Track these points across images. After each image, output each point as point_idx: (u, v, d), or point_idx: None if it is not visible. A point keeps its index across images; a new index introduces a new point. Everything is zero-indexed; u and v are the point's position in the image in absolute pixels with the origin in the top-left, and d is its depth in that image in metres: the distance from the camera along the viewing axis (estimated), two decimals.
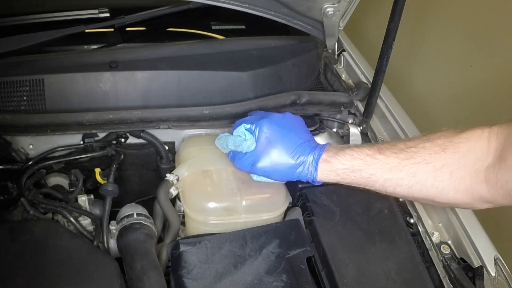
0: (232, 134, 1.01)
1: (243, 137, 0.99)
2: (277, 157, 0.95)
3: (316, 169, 0.95)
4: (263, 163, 0.96)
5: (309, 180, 0.97)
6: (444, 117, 2.18)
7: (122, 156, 1.16)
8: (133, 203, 1.08)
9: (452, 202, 0.91)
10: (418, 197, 0.94)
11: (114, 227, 1.00)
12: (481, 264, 0.94)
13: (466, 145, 0.87)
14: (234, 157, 1.00)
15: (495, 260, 0.94)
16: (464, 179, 0.87)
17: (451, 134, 0.90)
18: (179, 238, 1.02)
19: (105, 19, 1.49)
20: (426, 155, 0.89)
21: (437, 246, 1.00)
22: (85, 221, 1.06)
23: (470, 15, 2.08)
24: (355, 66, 1.42)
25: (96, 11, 1.51)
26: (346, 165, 0.94)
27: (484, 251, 0.95)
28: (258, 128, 0.98)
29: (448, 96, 2.21)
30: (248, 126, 0.99)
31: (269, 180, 1.00)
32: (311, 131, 1.20)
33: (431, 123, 2.11)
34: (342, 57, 1.47)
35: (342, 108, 1.31)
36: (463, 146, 0.87)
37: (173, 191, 1.04)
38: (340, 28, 1.35)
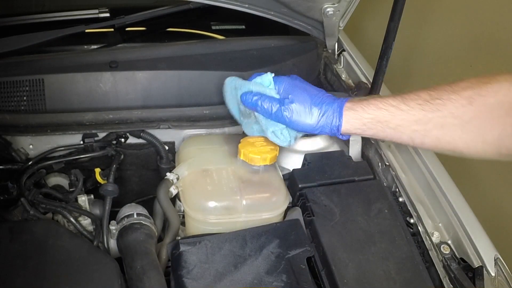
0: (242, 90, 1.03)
1: (266, 85, 1.01)
2: (302, 104, 0.97)
3: (341, 116, 0.95)
4: (288, 110, 0.97)
5: (333, 131, 0.97)
6: None
7: (122, 156, 1.16)
8: (133, 203, 1.08)
9: (480, 154, 0.90)
10: (448, 148, 0.92)
11: (114, 227, 1.00)
12: (481, 264, 0.94)
13: (494, 98, 0.85)
14: (255, 104, 0.99)
15: (495, 260, 0.94)
16: (492, 131, 0.86)
17: (477, 85, 0.87)
18: (179, 238, 1.02)
19: (105, 19, 1.49)
20: (453, 108, 0.87)
21: (437, 246, 1.00)
22: (85, 221, 1.06)
23: (470, 15, 2.08)
24: (355, 66, 1.42)
25: (96, 11, 1.51)
26: (372, 115, 0.93)
27: (484, 251, 0.95)
28: (280, 79, 1.01)
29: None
30: (273, 75, 1.02)
31: (287, 139, 1.01)
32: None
33: None
34: (342, 57, 1.47)
35: None
36: (491, 99, 0.85)
37: (173, 190, 1.04)
38: (340, 28, 1.35)
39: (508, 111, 0.84)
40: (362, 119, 0.94)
